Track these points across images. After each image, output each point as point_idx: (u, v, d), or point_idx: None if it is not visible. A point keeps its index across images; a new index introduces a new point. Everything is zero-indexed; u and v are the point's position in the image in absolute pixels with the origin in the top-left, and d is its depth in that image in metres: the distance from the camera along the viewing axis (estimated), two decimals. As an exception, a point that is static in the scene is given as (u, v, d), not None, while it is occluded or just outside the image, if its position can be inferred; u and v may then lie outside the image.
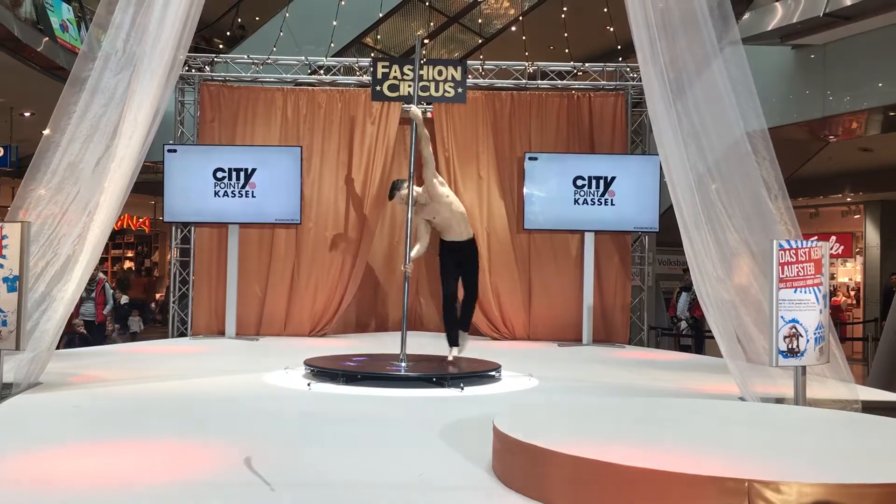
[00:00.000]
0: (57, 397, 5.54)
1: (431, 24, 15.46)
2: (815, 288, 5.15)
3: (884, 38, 9.90)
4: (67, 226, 5.92)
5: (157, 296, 20.50)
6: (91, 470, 3.75)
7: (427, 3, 14.90)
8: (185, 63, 9.69)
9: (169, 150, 9.85)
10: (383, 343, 8.70)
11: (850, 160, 15.11)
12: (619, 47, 11.95)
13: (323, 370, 6.53)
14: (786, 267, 5.09)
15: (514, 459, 3.51)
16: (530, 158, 10.00)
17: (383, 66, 9.79)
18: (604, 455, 3.17)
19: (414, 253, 7.29)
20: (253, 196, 9.78)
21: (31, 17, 10.17)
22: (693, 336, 12.51)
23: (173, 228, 10.69)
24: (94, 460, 3.93)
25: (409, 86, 9.76)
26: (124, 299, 11.19)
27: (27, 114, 12.63)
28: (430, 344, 8.63)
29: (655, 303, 12.37)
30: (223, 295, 9.98)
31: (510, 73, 10.69)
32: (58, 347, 6.40)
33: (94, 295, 11.07)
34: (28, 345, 5.54)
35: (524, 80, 10.62)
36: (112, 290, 11.93)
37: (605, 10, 11.83)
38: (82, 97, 6.02)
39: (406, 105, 9.90)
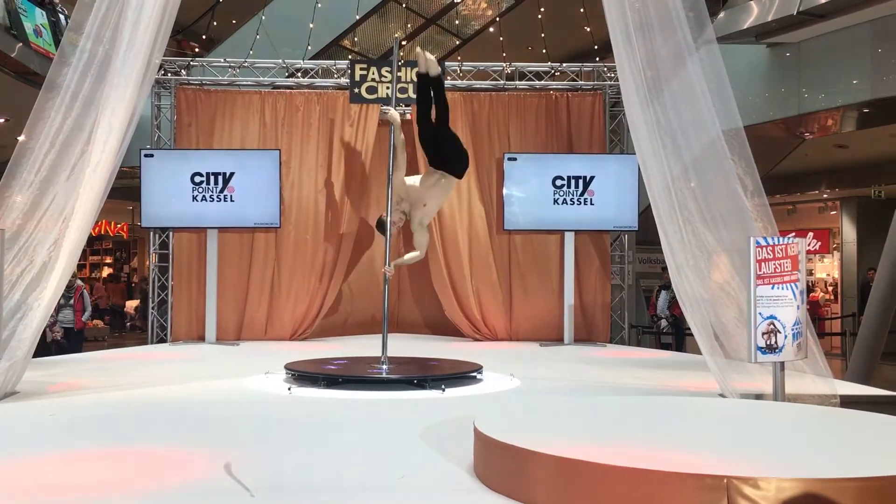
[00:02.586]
0: (34, 406, 5.49)
1: (409, 25, 15.46)
2: (793, 284, 5.18)
3: (857, 36, 9.99)
4: (43, 232, 5.86)
5: (132, 303, 20.35)
6: (69, 479, 3.71)
7: (404, 5, 14.89)
8: (160, 67, 9.63)
9: (146, 155, 9.77)
10: (364, 346, 8.69)
11: (827, 157, 15.23)
12: (595, 47, 12.00)
13: (304, 374, 6.51)
14: (763, 264, 5.12)
15: (496, 460, 3.51)
16: (509, 159, 10.01)
17: (361, 69, 9.78)
18: (585, 454, 3.18)
19: (411, 258, 7.62)
20: (232, 200, 9.72)
21: (5, 22, 10.04)
22: (673, 334, 12.57)
23: (151, 234, 10.61)
24: (72, 469, 3.90)
25: (388, 88, 9.75)
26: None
27: (1, 120, 12.49)
28: (410, 346, 8.65)
29: (636, 301, 12.41)
30: (203, 300, 9.91)
31: (488, 74, 10.70)
32: (34, 356, 6.33)
33: (72, 302, 10.97)
34: (4, 354, 5.48)
35: (502, 81, 10.63)
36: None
37: (582, 10, 11.88)
38: (57, 103, 5.97)
39: (384, 107, 9.89)
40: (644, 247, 13.17)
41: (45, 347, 9.93)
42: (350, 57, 14.10)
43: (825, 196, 19.11)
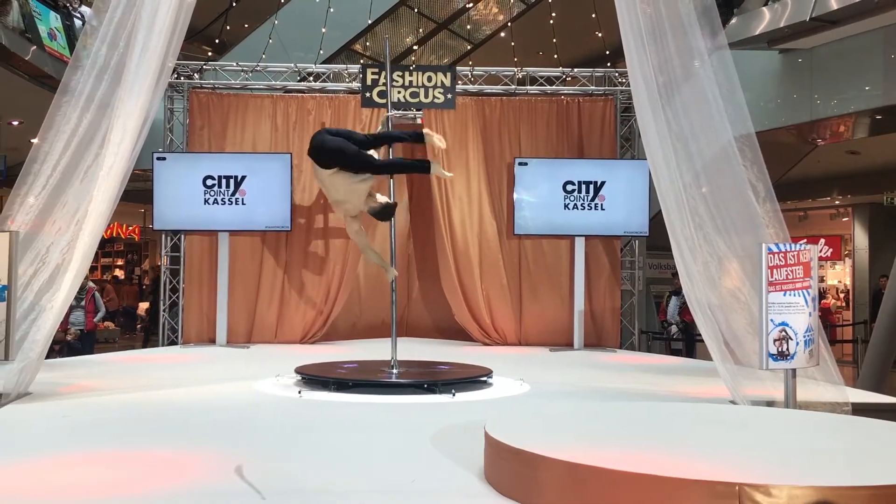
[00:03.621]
0: (47, 407, 5.51)
1: (420, 30, 15.48)
2: (804, 291, 5.17)
3: (870, 42, 9.95)
4: (56, 234, 5.90)
5: (145, 305, 20.41)
6: (81, 480, 3.73)
7: (416, 10, 14.92)
8: (173, 71, 9.68)
9: (158, 158, 9.83)
10: (374, 349, 8.69)
11: (839, 163, 15.18)
12: (607, 52, 11.99)
13: (314, 378, 6.52)
14: (774, 270, 5.11)
15: (506, 465, 3.52)
16: (520, 164, 10.02)
17: (372, 73, 9.80)
18: (595, 459, 3.18)
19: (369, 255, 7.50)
20: (243, 203, 9.76)
21: (19, 25, 10.10)
22: (684, 340, 12.52)
23: (163, 237, 10.66)
24: (84, 470, 3.92)
25: (399, 92, 9.77)
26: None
27: (15, 123, 12.57)
28: (420, 350, 8.65)
29: (646, 307, 12.39)
30: (214, 303, 9.95)
31: (499, 78, 10.71)
32: (47, 357, 6.37)
33: (83, 303, 11.01)
34: (17, 355, 5.52)
35: (513, 86, 10.64)
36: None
37: (594, 15, 11.87)
38: (71, 106, 6.01)
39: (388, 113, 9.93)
40: (655, 252, 13.15)
41: (58, 352, 9.98)
42: (362, 61, 14.14)
43: (837, 202, 19.03)
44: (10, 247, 5.33)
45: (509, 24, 15.27)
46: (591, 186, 9.88)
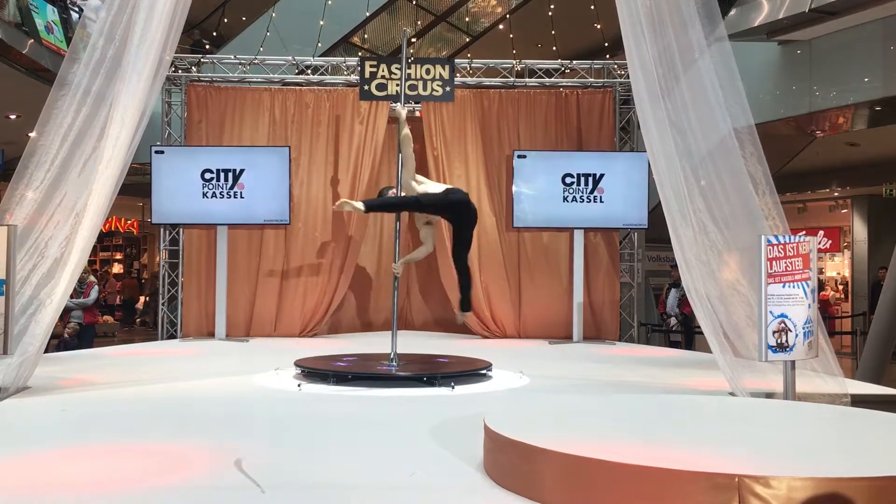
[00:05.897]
0: (45, 401, 5.51)
1: (419, 22, 15.46)
2: (804, 283, 5.16)
3: (869, 33, 9.95)
4: (54, 228, 5.89)
5: (142, 298, 20.47)
6: (79, 474, 3.73)
7: (414, 2, 14.89)
8: (171, 64, 9.65)
9: (156, 152, 9.80)
10: (374, 343, 8.69)
11: (838, 155, 15.17)
12: (606, 44, 11.98)
13: (313, 371, 6.51)
14: (774, 262, 5.10)
15: (506, 458, 3.51)
16: (519, 156, 10.00)
17: (371, 66, 9.78)
18: (595, 452, 3.18)
19: (419, 254, 7.63)
20: (241, 197, 9.75)
21: (16, 19, 10.07)
22: (683, 332, 12.54)
23: (162, 230, 10.65)
24: (83, 464, 3.91)
25: (398, 85, 9.75)
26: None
27: (12, 116, 12.55)
28: (420, 343, 8.64)
29: (645, 299, 12.39)
30: (213, 296, 9.94)
31: (498, 71, 10.69)
32: (45, 351, 6.36)
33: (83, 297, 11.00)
34: (16, 349, 5.51)
35: (512, 79, 10.62)
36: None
37: (592, 7, 11.86)
38: (68, 99, 5.99)
39: (393, 104, 9.91)
40: (654, 244, 13.16)
41: (55, 347, 9.98)
42: (360, 54, 14.12)
43: (836, 194, 19.03)
44: (8, 241, 5.32)
45: (508, 16, 15.24)
46: (590, 179, 9.86)
